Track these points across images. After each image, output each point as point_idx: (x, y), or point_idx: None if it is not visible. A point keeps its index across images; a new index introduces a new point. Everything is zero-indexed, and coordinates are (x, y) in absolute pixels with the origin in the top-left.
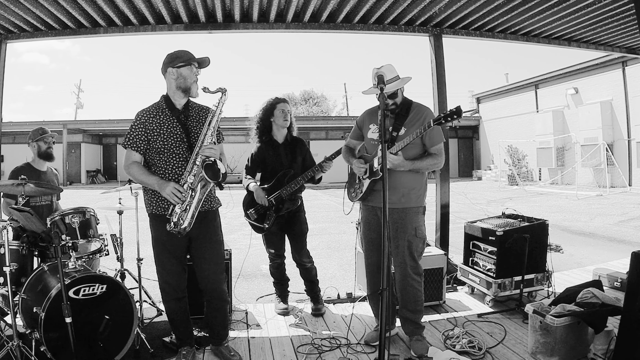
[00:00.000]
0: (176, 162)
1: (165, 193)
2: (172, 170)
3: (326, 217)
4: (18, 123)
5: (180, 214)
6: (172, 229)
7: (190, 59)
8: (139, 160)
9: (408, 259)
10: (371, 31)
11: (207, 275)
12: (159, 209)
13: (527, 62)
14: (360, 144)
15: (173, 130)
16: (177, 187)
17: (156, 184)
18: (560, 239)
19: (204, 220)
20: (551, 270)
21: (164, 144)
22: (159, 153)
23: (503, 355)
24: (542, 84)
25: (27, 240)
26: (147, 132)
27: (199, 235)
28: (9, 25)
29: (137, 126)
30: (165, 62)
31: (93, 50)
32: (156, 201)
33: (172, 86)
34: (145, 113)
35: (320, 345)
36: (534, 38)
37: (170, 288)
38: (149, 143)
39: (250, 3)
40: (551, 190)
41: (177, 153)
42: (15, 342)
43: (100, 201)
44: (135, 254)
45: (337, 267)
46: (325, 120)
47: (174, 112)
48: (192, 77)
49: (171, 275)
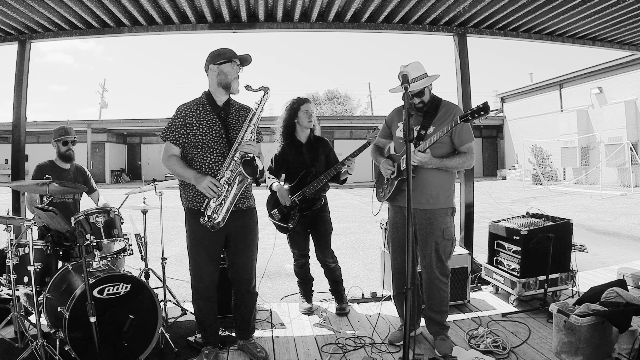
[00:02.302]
0: (213, 157)
1: (202, 187)
2: (209, 165)
3: (350, 217)
4: (42, 122)
5: (215, 208)
6: (206, 222)
7: (232, 56)
8: (177, 153)
9: (435, 260)
10: (395, 31)
11: (239, 267)
12: (194, 204)
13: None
14: (389, 142)
15: (212, 125)
16: (213, 181)
17: (193, 178)
18: (585, 238)
19: (243, 218)
20: (575, 269)
21: (202, 138)
22: (196, 147)
23: (527, 354)
24: (566, 84)
25: (52, 239)
26: (187, 126)
27: (237, 233)
28: (34, 24)
29: (177, 120)
30: (207, 60)
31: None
32: (192, 195)
33: (214, 83)
34: (186, 107)
35: (344, 345)
36: (558, 37)
37: (201, 287)
38: (187, 137)
39: (274, 2)
40: (575, 190)
41: (215, 148)
42: (40, 342)
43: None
44: (160, 254)
45: (362, 266)
46: (350, 119)
47: (214, 108)
48: (233, 73)
49: (204, 274)
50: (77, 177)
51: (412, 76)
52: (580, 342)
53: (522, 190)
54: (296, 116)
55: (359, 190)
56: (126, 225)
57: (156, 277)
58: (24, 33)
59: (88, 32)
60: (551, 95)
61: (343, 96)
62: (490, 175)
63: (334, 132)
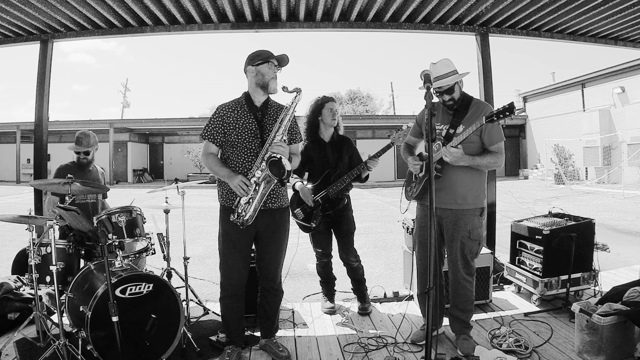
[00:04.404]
0: (248, 156)
1: (233, 185)
2: (242, 164)
3: (373, 216)
4: (64, 122)
5: (244, 206)
6: (235, 219)
7: (269, 57)
8: (215, 152)
9: (460, 259)
10: (417, 30)
11: (267, 264)
12: (227, 201)
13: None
14: (420, 141)
15: (248, 125)
16: (244, 180)
17: (226, 176)
18: (607, 237)
19: (274, 217)
20: (597, 269)
21: (238, 138)
22: (232, 147)
23: (549, 354)
24: (588, 83)
25: (74, 239)
26: (225, 125)
27: (267, 231)
28: (56, 24)
29: (216, 119)
30: (246, 62)
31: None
32: (226, 193)
33: (252, 83)
34: (225, 107)
35: (366, 344)
36: (580, 37)
37: (230, 285)
38: (225, 136)
39: (296, 2)
40: (597, 189)
41: (250, 148)
42: (62, 341)
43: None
44: (182, 253)
45: (384, 266)
46: (372, 119)
47: (252, 108)
48: (270, 73)
49: (233, 272)
50: (98, 177)
51: (441, 72)
52: (603, 341)
53: (544, 189)
54: (320, 114)
55: (381, 190)
56: (148, 225)
57: (178, 277)
58: (46, 32)
59: (110, 31)
60: (573, 95)
61: (365, 96)
62: (512, 175)
63: (356, 132)
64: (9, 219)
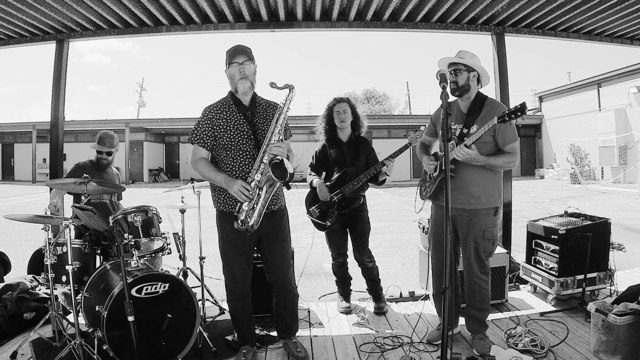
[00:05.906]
0: (243, 158)
1: (233, 191)
2: (238, 167)
3: (388, 216)
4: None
5: (248, 212)
6: (240, 226)
7: (230, 57)
8: (205, 156)
9: (474, 259)
10: (433, 30)
11: (276, 267)
12: (226, 206)
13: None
14: (435, 140)
15: (239, 126)
16: (244, 185)
17: (224, 182)
18: (623, 237)
19: (272, 219)
20: (613, 268)
21: (231, 140)
22: (225, 149)
23: (565, 354)
24: (604, 83)
25: (90, 238)
26: (214, 128)
27: (268, 233)
28: (72, 23)
29: (204, 122)
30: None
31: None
32: (224, 198)
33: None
34: (212, 109)
35: (382, 344)
36: (595, 37)
37: (235, 287)
38: (215, 139)
39: (312, 2)
40: (613, 189)
41: (244, 150)
42: (78, 341)
43: (163, 199)
44: (198, 253)
45: (400, 265)
46: (388, 118)
47: (240, 108)
48: (237, 74)
49: (237, 274)
50: (114, 178)
51: (466, 57)
52: (619, 341)
53: (560, 189)
54: (332, 117)
55: (396, 189)
56: (164, 225)
57: (194, 276)
58: (62, 32)
59: (126, 31)
60: (589, 95)
61: (381, 95)
62: (528, 175)
63: (372, 132)
64: (24, 219)
